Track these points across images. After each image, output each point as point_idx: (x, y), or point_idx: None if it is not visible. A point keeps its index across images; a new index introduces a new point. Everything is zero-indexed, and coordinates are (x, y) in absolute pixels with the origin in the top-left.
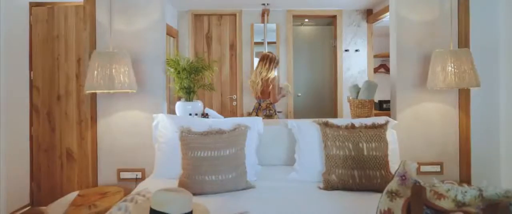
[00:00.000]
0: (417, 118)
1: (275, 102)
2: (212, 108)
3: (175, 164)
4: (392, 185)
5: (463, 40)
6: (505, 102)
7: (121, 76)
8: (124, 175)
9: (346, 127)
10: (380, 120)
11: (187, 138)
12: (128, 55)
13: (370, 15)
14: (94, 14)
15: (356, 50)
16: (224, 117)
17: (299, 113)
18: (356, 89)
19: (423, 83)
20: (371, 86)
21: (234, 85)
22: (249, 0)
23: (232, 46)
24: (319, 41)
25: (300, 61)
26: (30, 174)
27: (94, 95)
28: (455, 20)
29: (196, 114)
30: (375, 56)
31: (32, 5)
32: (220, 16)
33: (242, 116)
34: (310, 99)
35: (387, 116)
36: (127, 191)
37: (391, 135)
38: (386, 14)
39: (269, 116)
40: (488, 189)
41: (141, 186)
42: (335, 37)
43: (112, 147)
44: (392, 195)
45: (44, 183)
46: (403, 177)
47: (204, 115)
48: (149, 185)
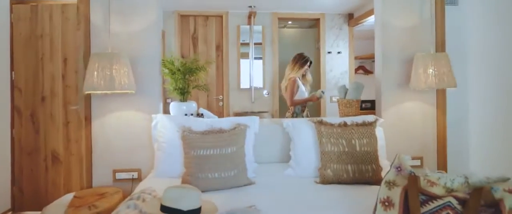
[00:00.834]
0: (400, 116)
1: (290, 105)
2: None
3: (176, 162)
4: (390, 176)
5: (440, 45)
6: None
7: (121, 77)
8: (120, 175)
9: (339, 125)
10: (370, 118)
11: (189, 137)
12: (127, 56)
13: (351, 19)
14: (88, 14)
15: (338, 52)
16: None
17: (283, 113)
18: (344, 89)
19: (406, 84)
20: (358, 87)
21: (220, 85)
22: (235, 2)
23: (218, 47)
24: (303, 43)
25: (286, 63)
26: (12, 178)
27: (88, 96)
28: (433, 26)
29: (191, 114)
30: (355, 58)
31: (13, 2)
32: (206, 17)
33: (228, 116)
34: None
35: (368, 114)
36: (125, 191)
37: (379, 132)
38: (366, 19)
39: None
40: (472, 177)
41: (142, 186)
42: (318, 40)
43: (107, 147)
44: (390, 184)
45: (27, 187)
46: (399, 168)
47: (199, 115)
48: (152, 184)
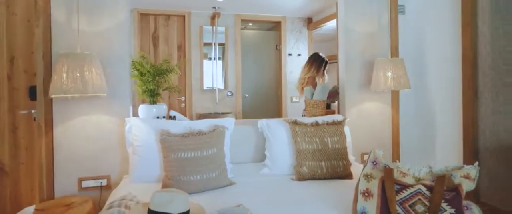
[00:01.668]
0: (361, 115)
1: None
2: None
3: (153, 166)
4: (367, 169)
5: (394, 50)
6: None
7: (94, 80)
8: (87, 183)
9: (312, 124)
10: (338, 117)
11: (168, 140)
12: (98, 57)
13: (310, 23)
14: (48, 10)
15: (298, 55)
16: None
17: (247, 113)
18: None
19: (366, 86)
20: (324, 88)
21: (182, 86)
22: (198, 3)
23: (180, 48)
24: (264, 45)
25: (248, 64)
26: None
27: (49, 100)
28: (389, 33)
29: (164, 117)
30: None
31: None
32: (168, 16)
33: (191, 117)
34: (257, 100)
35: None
36: (95, 200)
37: (346, 130)
38: (325, 24)
39: None
40: (435, 166)
41: (118, 192)
42: (280, 42)
43: (72, 154)
44: (368, 177)
45: None
46: (375, 162)
47: (171, 118)
48: (129, 190)
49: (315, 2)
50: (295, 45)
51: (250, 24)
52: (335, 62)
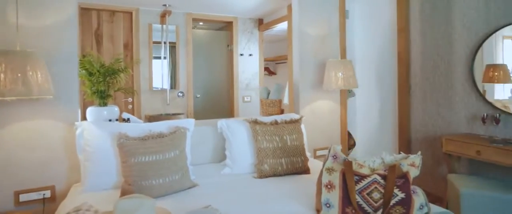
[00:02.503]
0: (313, 113)
1: None
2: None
3: (109, 173)
4: (328, 163)
5: (343, 52)
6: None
7: (39, 81)
8: (26, 197)
9: (271, 123)
10: (295, 116)
11: (127, 144)
12: (42, 55)
13: (261, 24)
14: None
15: (250, 55)
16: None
17: (198, 114)
18: (267, 91)
19: (318, 85)
20: (280, 88)
21: (129, 87)
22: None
23: (127, 46)
24: (215, 45)
25: (199, 63)
26: None
27: None
28: (338, 36)
29: (116, 119)
30: (265, 60)
31: None
32: (113, 12)
33: (140, 118)
34: (209, 100)
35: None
36: None
37: (303, 127)
38: (275, 25)
39: None
40: (386, 157)
41: (69, 203)
42: (231, 42)
43: (6, 165)
44: (330, 170)
45: None
46: (335, 157)
47: (125, 120)
48: (83, 200)
49: (266, 4)
50: (247, 45)
51: (201, 23)
52: (284, 62)
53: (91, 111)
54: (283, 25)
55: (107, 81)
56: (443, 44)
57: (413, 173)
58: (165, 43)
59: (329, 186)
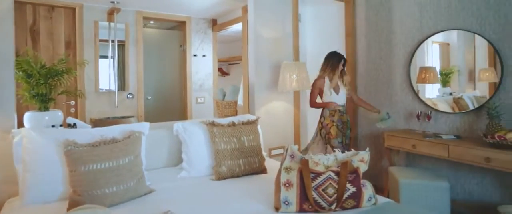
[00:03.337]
0: (268, 113)
1: (311, 106)
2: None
3: (53, 183)
4: (286, 163)
5: (296, 54)
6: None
7: None
8: None
9: (229, 125)
10: (252, 117)
11: (76, 152)
12: None
13: (215, 25)
14: None
15: (204, 55)
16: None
17: (150, 116)
18: (222, 92)
19: (273, 87)
20: (235, 89)
21: (72, 88)
22: None
23: (69, 44)
24: (167, 45)
25: (150, 64)
26: None
27: None
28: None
29: (60, 125)
30: (218, 61)
31: None
32: (51, 7)
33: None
34: (160, 102)
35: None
36: None
37: (259, 128)
38: (230, 26)
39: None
40: (338, 154)
41: None
42: (184, 42)
43: None
44: (288, 169)
45: None
46: (292, 156)
47: (71, 126)
48: None
49: (220, 5)
50: (200, 46)
51: (152, 22)
52: (237, 63)
53: (29, 116)
54: (238, 26)
55: (49, 84)
56: (385, 48)
57: (363, 168)
58: (113, 41)
59: (287, 185)
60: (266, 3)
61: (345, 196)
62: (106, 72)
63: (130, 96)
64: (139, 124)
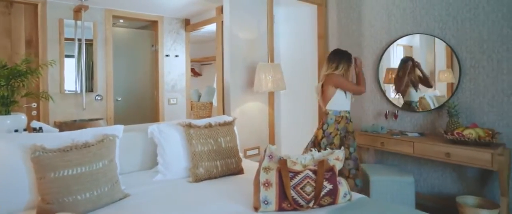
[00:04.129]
0: (244, 114)
1: (364, 90)
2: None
3: (19, 192)
4: (265, 163)
5: (271, 55)
6: (298, 99)
7: None
8: None
9: (205, 126)
10: (228, 118)
11: (45, 157)
12: None
13: (188, 25)
14: None
15: (176, 56)
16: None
17: (120, 118)
18: (198, 93)
19: (249, 87)
20: (210, 90)
21: (35, 90)
22: None
23: (31, 43)
24: (138, 44)
25: (120, 64)
26: None
27: None
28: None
29: (24, 129)
30: (191, 61)
31: None
32: (10, 3)
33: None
34: (131, 104)
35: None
36: None
37: (235, 129)
38: (203, 27)
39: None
40: (315, 154)
41: None
42: (156, 42)
43: None
44: (267, 169)
45: None
46: (270, 156)
47: (37, 130)
48: None
49: (194, 5)
50: (173, 46)
51: (121, 21)
52: (210, 63)
53: None
54: (212, 27)
55: (11, 85)
56: (356, 51)
57: (338, 166)
58: (80, 40)
59: (266, 184)
60: (242, 3)
61: (322, 193)
62: (72, 73)
63: (99, 98)
64: (112, 127)
